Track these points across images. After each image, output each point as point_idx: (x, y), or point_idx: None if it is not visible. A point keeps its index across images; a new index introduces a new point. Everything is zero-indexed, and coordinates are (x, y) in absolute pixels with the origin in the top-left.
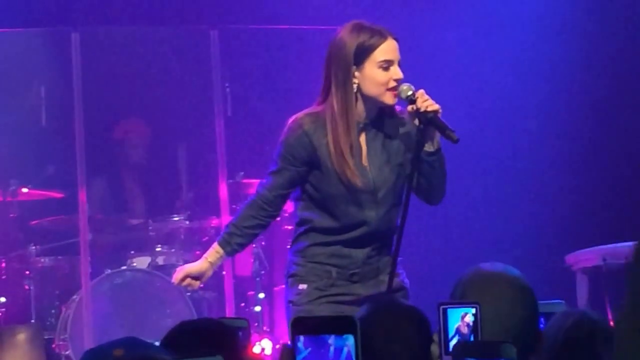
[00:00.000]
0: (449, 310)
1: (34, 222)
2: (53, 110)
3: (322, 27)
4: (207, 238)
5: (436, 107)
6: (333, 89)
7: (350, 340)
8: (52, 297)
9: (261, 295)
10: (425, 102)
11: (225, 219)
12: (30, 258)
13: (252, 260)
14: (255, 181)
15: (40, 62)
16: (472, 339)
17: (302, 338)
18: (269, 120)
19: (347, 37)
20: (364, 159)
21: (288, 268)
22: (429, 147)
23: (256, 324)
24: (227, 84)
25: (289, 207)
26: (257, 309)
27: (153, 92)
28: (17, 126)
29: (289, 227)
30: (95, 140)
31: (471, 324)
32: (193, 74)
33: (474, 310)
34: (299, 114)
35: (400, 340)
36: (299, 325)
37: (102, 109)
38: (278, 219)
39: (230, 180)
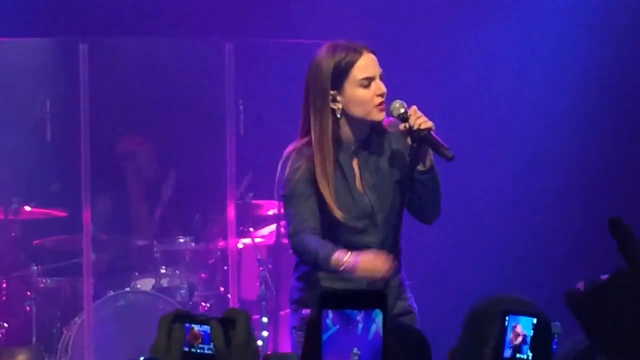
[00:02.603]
0: (511, 317)
1: (36, 242)
2: (58, 125)
3: None
4: (212, 260)
5: (429, 124)
6: (312, 118)
7: (378, 316)
8: (54, 318)
9: (264, 320)
10: (418, 120)
11: (232, 240)
12: (31, 278)
13: (259, 284)
14: (265, 202)
15: (46, 73)
16: (529, 350)
17: (330, 314)
18: (283, 141)
19: (323, 60)
20: (357, 185)
21: (291, 294)
22: (421, 166)
23: (260, 349)
24: (240, 101)
25: None
26: (265, 333)
27: (162, 107)
28: (21, 141)
29: None
30: (101, 157)
31: (528, 336)
32: (205, 88)
33: (534, 320)
34: (292, 152)
35: None
36: (327, 300)
37: (110, 124)
38: (286, 241)
39: (239, 201)
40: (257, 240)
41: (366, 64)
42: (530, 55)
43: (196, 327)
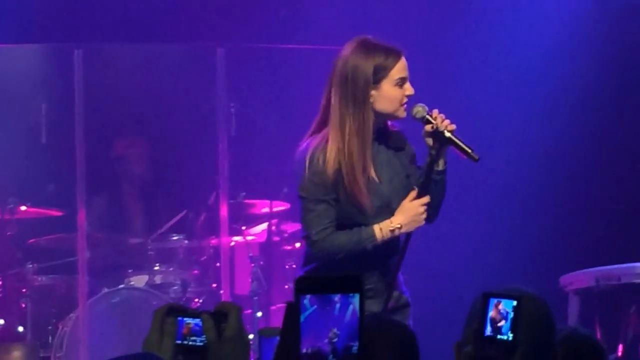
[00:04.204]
0: (491, 299)
1: (31, 241)
2: (54, 128)
3: (329, 47)
4: (205, 257)
5: (454, 126)
6: (350, 110)
7: (356, 298)
8: (49, 315)
9: (259, 314)
10: (444, 122)
11: (225, 239)
12: (27, 276)
13: (251, 280)
14: (257, 202)
15: (42, 78)
16: (509, 331)
17: (308, 296)
18: (273, 141)
19: (362, 56)
20: (372, 173)
21: None
22: (438, 166)
23: (252, 343)
24: (232, 104)
25: (289, 227)
26: (251, 336)
27: (156, 110)
28: (17, 143)
29: (288, 248)
30: (95, 158)
31: (509, 318)
32: (197, 92)
33: (515, 303)
34: (309, 147)
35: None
36: (304, 285)
37: (104, 127)
38: (277, 238)
39: (232, 201)
40: (249, 238)
41: (403, 66)
42: (516, 56)
43: (188, 320)
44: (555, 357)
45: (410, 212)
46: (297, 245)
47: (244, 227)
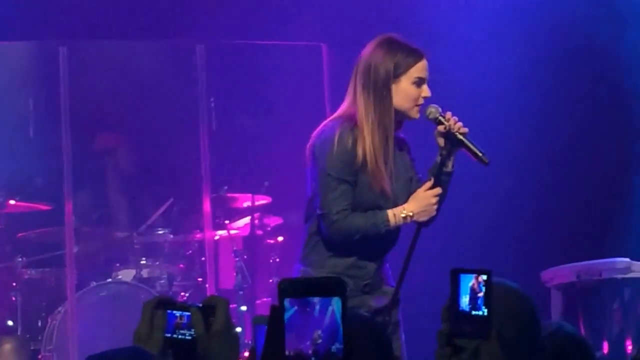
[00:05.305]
0: (461, 275)
1: (20, 235)
2: (41, 123)
3: (307, 43)
4: (191, 251)
5: (466, 129)
6: (372, 101)
7: (337, 303)
8: (38, 308)
9: (244, 308)
10: (457, 124)
11: (209, 232)
12: (16, 270)
13: (235, 273)
14: (239, 195)
15: (28, 74)
16: (483, 305)
17: (289, 298)
18: (253, 135)
19: (386, 50)
20: (391, 165)
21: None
22: (447, 167)
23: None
24: (212, 99)
25: (272, 221)
26: (238, 329)
27: (139, 106)
28: (5, 138)
29: (271, 241)
30: (82, 152)
31: (482, 293)
32: (179, 88)
33: (485, 277)
34: (336, 127)
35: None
36: (286, 288)
37: (89, 122)
38: (261, 232)
39: (214, 194)
40: (232, 232)
41: (424, 67)
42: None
43: (178, 313)
44: (544, 350)
45: (423, 201)
46: (280, 239)
47: (227, 221)
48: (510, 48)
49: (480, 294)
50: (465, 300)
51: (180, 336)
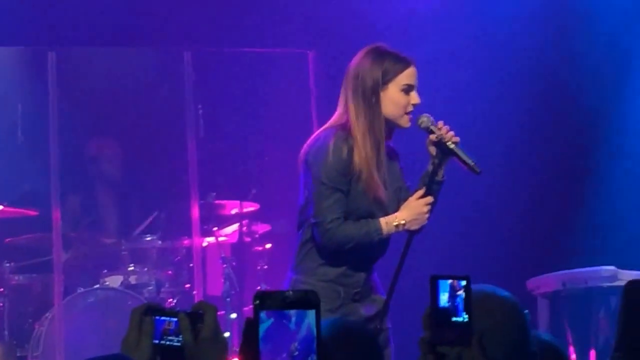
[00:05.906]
0: (440, 282)
1: (8, 240)
2: (29, 128)
3: (293, 50)
4: (179, 258)
5: (458, 138)
6: (361, 108)
7: (311, 314)
8: (26, 314)
9: (233, 316)
10: (449, 133)
11: (197, 239)
12: (4, 275)
13: (223, 280)
14: (227, 202)
15: (17, 79)
16: (463, 312)
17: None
18: (241, 142)
19: (374, 58)
20: (384, 172)
21: (293, 287)
22: (438, 176)
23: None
24: (199, 106)
25: (260, 228)
26: (226, 334)
27: (127, 112)
28: None
29: (259, 248)
30: (69, 158)
31: (461, 299)
32: (166, 94)
33: (464, 282)
34: (330, 136)
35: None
36: (262, 301)
37: (77, 128)
38: (249, 239)
39: (202, 201)
40: (220, 239)
41: (412, 73)
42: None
43: (166, 320)
44: (534, 357)
45: (415, 209)
46: (268, 246)
47: (215, 228)
48: (493, 59)
49: (460, 300)
50: (445, 307)
51: (168, 342)
